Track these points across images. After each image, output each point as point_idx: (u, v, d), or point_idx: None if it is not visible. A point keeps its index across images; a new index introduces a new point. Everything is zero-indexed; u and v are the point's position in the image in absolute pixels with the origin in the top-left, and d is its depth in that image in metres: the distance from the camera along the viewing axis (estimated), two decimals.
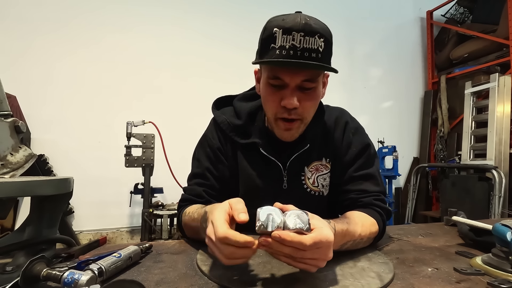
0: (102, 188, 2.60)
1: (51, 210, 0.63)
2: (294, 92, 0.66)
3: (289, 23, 0.61)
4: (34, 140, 2.43)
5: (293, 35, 0.60)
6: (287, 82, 0.65)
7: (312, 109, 0.71)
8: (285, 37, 0.61)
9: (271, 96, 0.69)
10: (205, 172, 0.80)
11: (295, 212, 0.46)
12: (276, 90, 0.68)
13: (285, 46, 0.61)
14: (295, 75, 0.64)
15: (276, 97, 0.68)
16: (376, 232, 0.68)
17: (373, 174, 0.78)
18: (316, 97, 0.70)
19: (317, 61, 0.62)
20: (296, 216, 0.46)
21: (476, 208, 2.57)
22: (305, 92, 0.67)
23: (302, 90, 0.67)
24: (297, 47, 0.61)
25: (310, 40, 0.61)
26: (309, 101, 0.69)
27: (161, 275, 0.52)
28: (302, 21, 0.61)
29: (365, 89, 3.57)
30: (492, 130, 2.78)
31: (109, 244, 0.73)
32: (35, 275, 0.45)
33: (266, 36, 0.64)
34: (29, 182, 0.55)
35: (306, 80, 0.65)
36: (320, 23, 0.64)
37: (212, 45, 2.98)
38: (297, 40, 0.60)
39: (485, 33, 3.19)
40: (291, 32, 0.61)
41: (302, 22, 0.60)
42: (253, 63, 0.69)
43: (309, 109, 0.70)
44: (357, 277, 0.50)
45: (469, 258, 0.61)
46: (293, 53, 0.61)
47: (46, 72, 2.50)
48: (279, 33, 0.62)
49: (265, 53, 0.65)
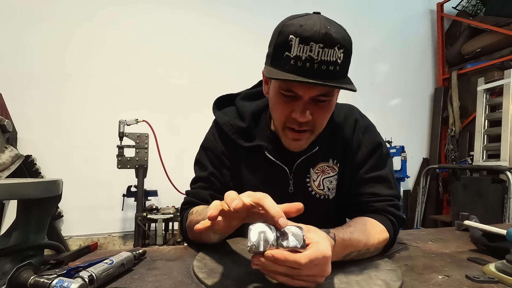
0: (93, 191, 2.61)
1: (39, 214, 0.63)
2: (307, 105, 0.65)
3: (308, 32, 0.58)
4: (21, 140, 2.43)
5: (311, 46, 0.58)
6: (301, 94, 0.64)
7: (325, 120, 0.71)
8: (301, 46, 0.58)
9: (281, 106, 0.68)
10: (209, 176, 0.80)
11: (289, 228, 0.46)
12: (288, 101, 0.67)
13: (301, 57, 0.59)
14: (310, 89, 0.63)
15: (287, 108, 0.67)
16: (386, 240, 0.67)
17: (385, 176, 0.77)
18: (330, 109, 0.69)
19: (335, 74, 0.60)
20: (290, 233, 0.46)
21: (489, 212, 2.57)
22: (319, 104, 0.66)
23: (316, 102, 0.66)
24: (315, 59, 0.58)
25: (329, 52, 0.58)
26: (322, 114, 0.68)
27: (156, 283, 0.52)
28: (322, 30, 0.58)
29: (372, 86, 3.57)
30: (506, 129, 2.78)
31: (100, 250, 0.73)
32: (21, 283, 0.45)
33: (281, 42, 0.61)
34: (15, 184, 0.55)
35: (321, 94, 0.65)
36: (341, 30, 0.62)
37: (209, 41, 2.98)
38: (315, 51, 0.58)
39: (499, 26, 3.19)
40: (309, 42, 0.58)
41: (322, 32, 0.58)
42: (265, 76, 0.68)
43: (322, 120, 0.69)
44: (363, 285, 0.50)
45: (482, 265, 0.61)
46: (310, 65, 0.59)
47: (33, 68, 2.50)
48: (295, 42, 0.59)
49: (278, 61, 0.63)
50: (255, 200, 0.48)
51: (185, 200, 0.81)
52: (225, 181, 0.81)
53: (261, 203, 0.47)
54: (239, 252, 0.66)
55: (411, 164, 3.50)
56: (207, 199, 0.77)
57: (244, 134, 0.80)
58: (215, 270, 0.55)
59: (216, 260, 0.60)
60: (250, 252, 0.45)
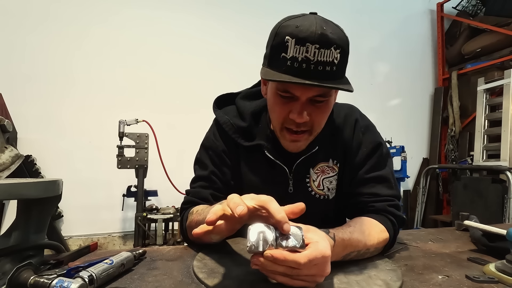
0: (93, 191, 2.61)
1: (39, 214, 0.63)
2: (304, 106, 0.65)
3: (304, 33, 0.58)
4: (21, 140, 2.43)
5: (307, 47, 0.58)
6: (298, 95, 0.64)
7: (323, 121, 0.71)
8: (298, 47, 0.58)
9: (278, 107, 0.68)
10: (210, 175, 0.80)
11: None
12: (286, 102, 0.67)
13: (298, 58, 0.59)
14: (307, 90, 0.64)
15: (285, 109, 0.67)
16: (385, 240, 0.67)
17: (386, 176, 0.77)
18: (328, 109, 0.70)
19: (332, 74, 0.60)
20: (290, 233, 0.46)
21: (489, 212, 2.57)
22: (316, 105, 0.66)
23: (313, 102, 0.66)
24: (311, 60, 0.58)
25: (325, 52, 0.58)
26: (320, 114, 0.68)
27: (156, 283, 0.52)
28: (318, 30, 0.58)
29: (372, 86, 3.58)
30: (506, 129, 2.78)
31: (100, 250, 0.73)
32: (21, 283, 0.45)
33: (277, 44, 0.62)
34: (15, 184, 0.55)
35: (318, 95, 0.65)
36: (337, 31, 0.62)
37: (209, 41, 2.98)
38: (311, 52, 0.58)
39: (499, 26, 3.19)
40: (305, 43, 0.58)
41: (318, 32, 0.58)
42: (262, 78, 0.68)
43: (319, 121, 0.70)
44: (363, 285, 0.50)
45: (482, 265, 0.61)
46: (306, 66, 0.59)
47: (33, 68, 2.50)
48: (291, 43, 0.59)
49: (274, 62, 0.63)
50: (259, 203, 0.48)
51: (185, 200, 0.81)
52: (226, 180, 0.81)
53: (266, 206, 0.47)
54: (239, 252, 0.66)
55: (411, 164, 3.50)
56: (208, 198, 0.77)
57: (245, 133, 0.80)
58: (215, 270, 0.55)
59: (216, 260, 0.60)
60: (249, 252, 0.45)
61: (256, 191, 0.76)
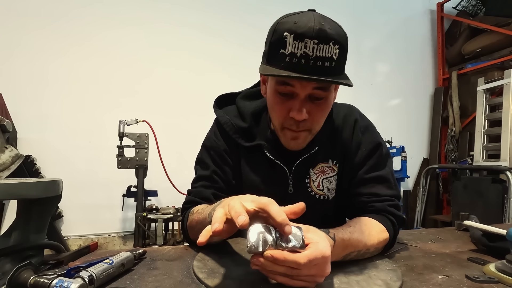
0: (93, 191, 2.61)
1: (39, 214, 0.63)
2: (303, 103, 0.65)
3: (302, 28, 0.58)
4: (21, 140, 2.43)
5: (306, 42, 0.58)
6: (297, 92, 0.65)
7: (322, 119, 0.71)
8: (296, 43, 0.58)
9: (278, 106, 0.68)
10: (212, 175, 0.80)
11: None
12: (285, 100, 0.67)
13: (296, 53, 0.59)
14: (306, 85, 0.64)
15: (284, 107, 0.67)
16: (385, 240, 0.67)
17: (385, 176, 0.77)
18: (327, 107, 0.70)
19: (330, 70, 0.60)
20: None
21: (489, 212, 2.57)
22: (315, 102, 0.67)
23: (312, 100, 0.66)
24: (310, 55, 0.58)
25: (324, 48, 0.58)
26: (319, 112, 0.68)
27: (156, 283, 0.52)
28: (316, 26, 0.58)
29: (372, 86, 3.58)
30: (506, 129, 2.78)
31: (100, 250, 0.73)
32: (21, 283, 0.45)
33: (276, 40, 0.62)
34: (15, 184, 0.55)
35: (318, 88, 0.65)
36: (336, 27, 0.62)
37: (208, 40, 2.98)
38: (309, 48, 0.58)
39: (499, 26, 3.19)
40: (303, 38, 0.58)
41: (316, 28, 0.58)
42: (261, 73, 0.68)
43: (319, 119, 0.70)
44: (363, 285, 0.50)
45: (482, 265, 0.61)
46: (305, 61, 0.59)
47: (33, 68, 2.50)
48: (290, 39, 0.59)
49: (273, 58, 0.63)
50: (260, 206, 0.48)
51: (186, 199, 0.81)
52: (228, 180, 0.81)
53: (267, 209, 0.47)
54: (239, 252, 0.66)
55: (411, 164, 3.50)
56: (209, 198, 0.77)
57: (245, 134, 0.80)
58: (215, 270, 0.55)
59: (216, 260, 0.60)
60: (249, 253, 0.45)
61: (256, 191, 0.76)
